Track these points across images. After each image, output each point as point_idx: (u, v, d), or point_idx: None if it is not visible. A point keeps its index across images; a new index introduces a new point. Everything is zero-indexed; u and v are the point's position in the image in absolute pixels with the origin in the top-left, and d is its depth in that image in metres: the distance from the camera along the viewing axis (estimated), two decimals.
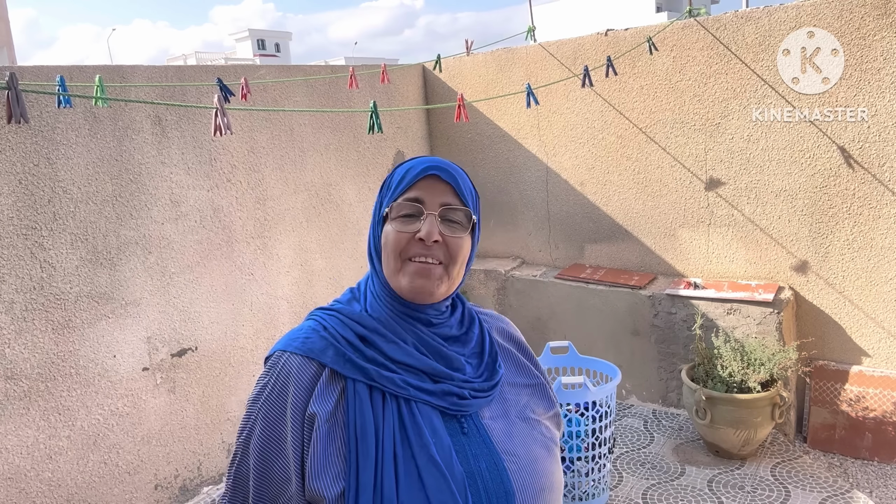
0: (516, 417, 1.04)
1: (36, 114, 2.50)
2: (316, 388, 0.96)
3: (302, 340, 1.00)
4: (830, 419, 3.33)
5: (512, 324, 1.20)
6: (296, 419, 0.95)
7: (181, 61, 38.81)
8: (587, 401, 2.74)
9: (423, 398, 0.96)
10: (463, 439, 0.97)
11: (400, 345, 0.99)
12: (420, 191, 1.00)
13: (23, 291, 2.48)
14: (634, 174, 3.78)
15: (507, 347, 1.13)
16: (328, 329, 1.00)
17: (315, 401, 0.95)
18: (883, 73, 3.02)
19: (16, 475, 2.47)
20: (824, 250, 3.31)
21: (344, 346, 0.98)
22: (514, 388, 1.08)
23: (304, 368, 0.98)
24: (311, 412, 0.95)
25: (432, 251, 0.98)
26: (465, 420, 0.98)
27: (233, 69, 3.25)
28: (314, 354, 0.97)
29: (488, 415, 1.01)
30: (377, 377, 0.95)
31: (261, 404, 0.98)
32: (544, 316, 3.98)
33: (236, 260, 3.24)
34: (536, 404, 1.09)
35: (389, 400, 0.95)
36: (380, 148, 4.08)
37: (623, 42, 3.63)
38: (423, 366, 0.98)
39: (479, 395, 1.00)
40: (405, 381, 0.96)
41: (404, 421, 0.94)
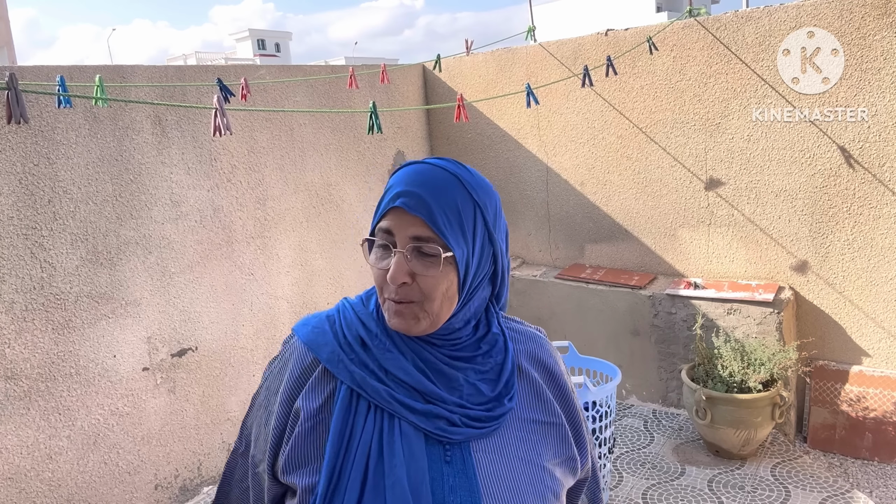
0: (516, 458, 0.95)
1: (36, 114, 2.50)
2: (308, 382, 0.95)
3: (311, 328, 0.99)
4: (830, 419, 3.32)
5: (549, 344, 1.08)
6: (284, 407, 0.96)
7: (181, 61, 38.82)
8: (587, 401, 2.74)
9: (407, 416, 0.90)
10: (444, 468, 0.90)
11: (396, 355, 0.93)
12: (392, 222, 0.91)
13: (23, 291, 2.48)
14: (634, 174, 3.78)
15: (532, 377, 1.02)
16: (338, 323, 0.98)
17: (305, 395, 0.94)
18: (883, 73, 3.02)
19: (16, 475, 2.47)
20: (824, 250, 3.31)
21: (342, 346, 0.95)
22: (525, 425, 0.98)
23: (302, 359, 0.97)
24: (298, 406, 0.94)
25: (400, 292, 0.90)
26: (452, 448, 0.91)
27: (233, 69, 3.25)
28: (313, 347, 0.96)
29: (482, 448, 0.93)
30: (364, 385, 0.91)
31: (268, 374, 1.02)
32: (544, 316, 3.98)
33: (236, 260, 3.24)
34: (546, 446, 0.98)
35: (374, 412, 0.91)
36: (380, 148, 4.08)
37: (623, 42, 3.63)
38: (415, 383, 0.92)
39: (472, 425, 0.92)
40: (392, 396, 0.91)
41: (383, 436, 0.89)
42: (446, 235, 0.90)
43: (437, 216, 0.89)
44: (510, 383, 0.97)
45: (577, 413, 1.05)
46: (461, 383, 0.94)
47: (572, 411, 1.04)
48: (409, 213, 0.89)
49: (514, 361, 0.99)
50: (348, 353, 0.95)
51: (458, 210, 0.91)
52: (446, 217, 0.90)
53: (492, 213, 0.95)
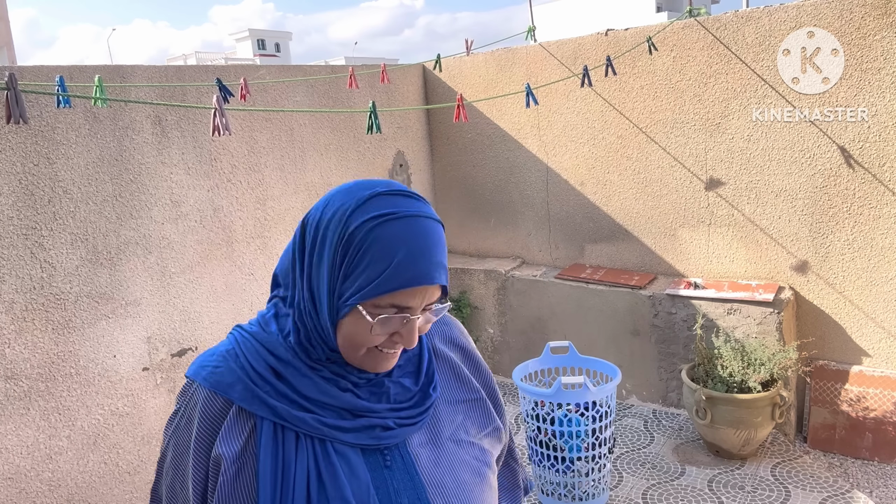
0: (448, 440, 0.97)
1: (36, 114, 2.50)
2: (223, 426, 0.88)
3: (211, 370, 0.91)
4: (831, 419, 3.32)
5: (460, 327, 1.10)
6: (199, 458, 0.89)
7: (181, 61, 38.83)
8: (587, 401, 2.74)
9: (339, 437, 0.88)
10: (385, 473, 0.90)
11: (315, 380, 0.89)
12: (411, 297, 0.86)
13: (23, 291, 2.48)
14: (634, 174, 3.78)
15: (449, 357, 1.04)
16: (240, 357, 0.91)
17: (221, 441, 0.87)
18: (883, 72, 3.01)
19: (16, 475, 2.47)
20: (824, 250, 3.31)
21: (254, 380, 0.89)
22: (451, 406, 1.00)
23: (210, 403, 0.89)
24: (217, 454, 0.87)
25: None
26: (389, 452, 0.91)
27: (233, 69, 3.26)
28: (221, 389, 0.89)
29: (417, 441, 0.94)
30: (288, 417, 0.87)
31: (172, 431, 0.93)
32: (544, 316, 3.98)
33: (236, 260, 3.24)
34: (472, 423, 1.01)
35: (303, 440, 0.87)
36: (380, 148, 4.08)
37: (623, 42, 3.63)
38: (340, 403, 0.89)
39: (406, 423, 0.92)
40: (319, 421, 0.88)
41: (318, 462, 0.87)
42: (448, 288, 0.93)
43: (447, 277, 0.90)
44: (430, 371, 0.99)
45: (492, 383, 1.08)
46: (386, 386, 0.94)
47: (489, 383, 1.07)
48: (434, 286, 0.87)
49: (429, 348, 1.01)
50: (262, 387, 0.88)
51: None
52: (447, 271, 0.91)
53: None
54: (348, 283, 0.86)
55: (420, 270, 0.84)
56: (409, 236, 0.85)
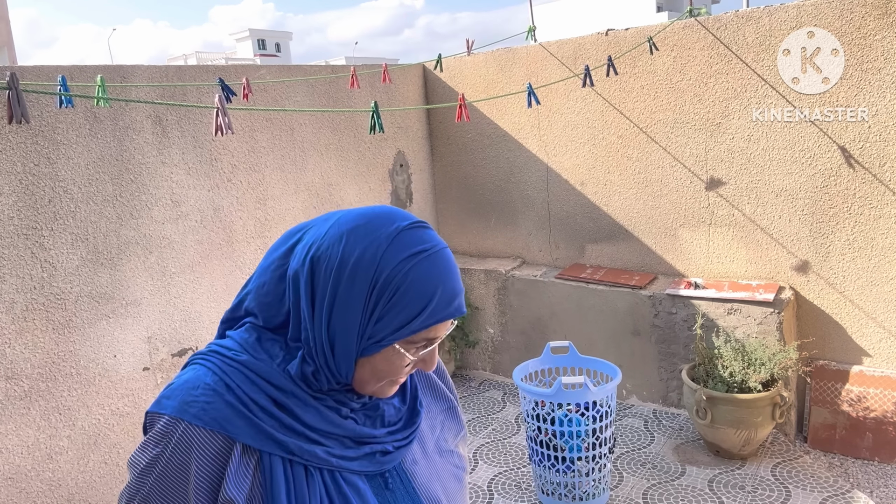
0: (433, 452, 1.01)
1: (36, 114, 2.50)
2: (228, 467, 0.82)
3: (202, 406, 0.82)
4: (831, 419, 3.32)
5: None
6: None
7: (182, 61, 38.83)
8: (587, 401, 2.74)
9: (347, 466, 0.88)
10: (388, 495, 0.92)
11: (318, 409, 0.87)
12: (440, 330, 0.88)
13: (23, 291, 2.48)
14: (635, 174, 3.78)
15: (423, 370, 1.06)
16: (233, 390, 0.84)
17: (230, 484, 0.81)
18: (883, 72, 3.02)
19: (16, 475, 2.47)
20: (825, 250, 3.31)
21: (257, 415, 0.83)
22: (430, 417, 1.04)
23: (209, 444, 0.82)
24: (228, 498, 0.81)
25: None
26: (389, 474, 0.93)
27: (233, 69, 3.26)
28: (220, 426, 0.82)
29: (410, 459, 0.96)
30: (298, 451, 0.84)
31: (154, 478, 0.83)
32: (545, 316, 3.98)
33: (237, 260, 3.24)
34: (449, 430, 1.05)
35: (313, 473, 0.85)
36: (380, 148, 4.08)
37: (623, 42, 3.63)
38: (343, 431, 0.89)
39: (401, 444, 0.94)
40: (329, 453, 0.87)
41: (331, 494, 0.86)
42: None
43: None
44: (414, 387, 1.01)
45: (453, 387, 1.11)
46: (381, 409, 0.95)
47: (452, 388, 1.10)
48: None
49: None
50: (267, 421, 0.84)
51: None
52: None
53: None
54: (382, 324, 0.83)
55: (456, 304, 0.86)
56: (442, 273, 0.85)
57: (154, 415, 0.85)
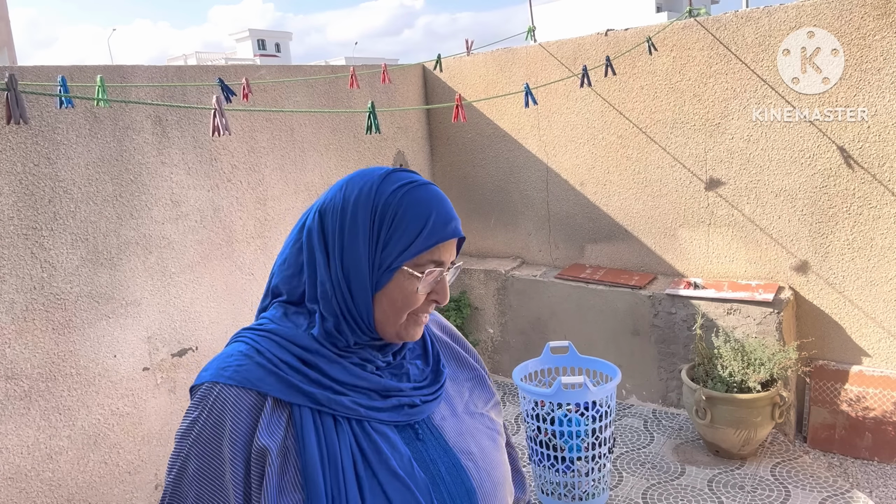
0: (463, 413, 1.05)
1: (36, 114, 2.50)
2: (260, 420, 0.88)
3: (235, 369, 0.90)
4: (830, 419, 3.33)
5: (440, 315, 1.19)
6: (237, 456, 0.88)
7: (181, 61, 38.84)
8: (587, 401, 2.75)
9: (375, 416, 0.93)
10: (419, 445, 0.96)
11: (344, 364, 0.94)
12: (444, 252, 0.95)
13: (23, 291, 2.48)
14: (634, 174, 3.78)
15: (445, 341, 1.12)
16: (263, 353, 0.92)
17: (263, 433, 0.88)
18: (883, 72, 3.02)
19: (16, 475, 2.47)
20: (824, 250, 3.31)
21: (285, 371, 0.91)
22: (457, 384, 1.09)
23: (241, 400, 0.89)
24: (262, 446, 0.87)
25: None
26: (419, 426, 0.98)
27: (233, 69, 3.26)
28: (251, 384, 0.89)
29: (438, 416, 1.01)
30: (326, 401, 0.90)
31: (192, 440, 0.89)
32: (544, 316, 3.98)
33: (237, 260, 3.24)
34: (478, 397, 1.10)
35: (342, 423, 0.91)
36: (380, 148, 4.09)
37: (623, 42, 3.63)
38: (371, 384, 0.95)
39: (428, 399, 0.99)
40: (355, 402, 0.92)
41: (360, 441, 0.91)
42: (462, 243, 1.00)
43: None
44: (436, 352, 1.07)
45: (482, 363, 1.17)
46: (406, 368, 1.01)
47: (480, 362, 1.16)
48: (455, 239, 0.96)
49: (429, 332, 1.09)
50: (294, 376, 0.91)
51: None
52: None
53: None
54: (388, 249, 0.92)
55: (453, 226, 0.95)
56: (433, 199, 0.95)
57: (193, 388, 0.93)
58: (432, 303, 0.97)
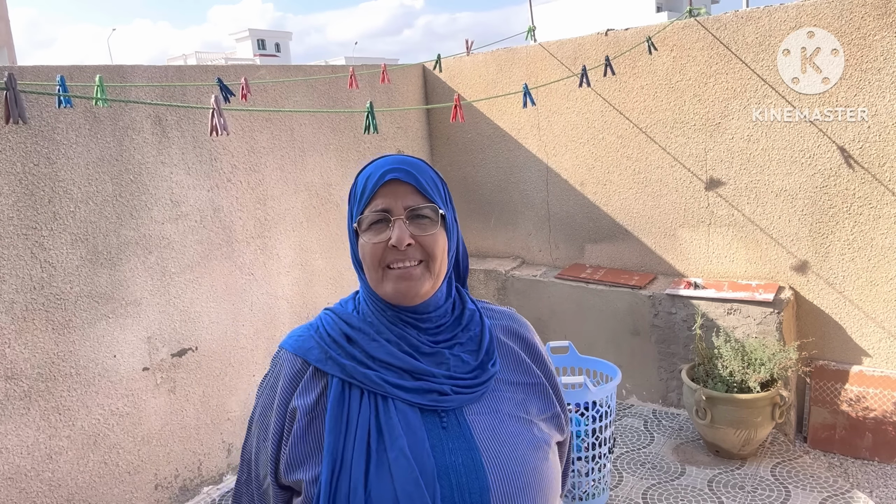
0: (507, 416, 1.04)
1: (36, 114, 2.50)
2: (300, 383, 1.02)
3: (296, 338, 1.06)
4: (831, 419, 3.32)
5: (523, 319, 1.19)
6: (280, 411, 1.02)
7: (181, 61, 38.83)
8: (587, 401, 2.74)
9: (400, 395, 0.98)
10: (442, 433, 0.98)
11: (381, 343, 1.02)
12: (384, 198, 1.01)
13: (23, 291, 2.48)
14: (634, 174, 3.78)
15: (510, 346, 1.12)
16: (321, 328, 1.06)
17: (298, 395, 1.01)
18: (883, 72, 3.02)
19: (16, 475, 2.47)
20: (824, 250, 3.31)
21: (328, 345, 1.03)
22: (511, 386, 1.08)
23: (292, 365, 1.04)
24: (294, 406, 1.00)
25: (408, 254, 1.00)
26: (446, 415, 1.00)
27: (233, 69, 3.26)
28: (301, 352, 1.03)
29: (475, 411, 1.02)
30: (354, 373, 0.99)
31: (260, 392, 1.07)
32: (544, 316, 3.98)
33: (236, 260, 3.24)
34: (532, 404, 1.08)
35: (368, 396, 0.98)
36: (380, 148, 4.09)
37: (623, 42, 3.63)
38: (403, 364, 1.00)
39: (462, 392, 1.01)
40: (382, 379, 0.98)
41: (379, 416, 0.97)
42: (435, 199, 1.03)
43: (424, 183, 1.02)
44: (490, 350, 1.07)
45: (553, 376, 1.16)
46: (447, 357, 1.03)
47: (549, 373, 1.15)
48: (400, 184, 1.01)
49: (491, 332, 1.10)
50: (335, 350, 1.02)
51: (434, 182, 1.05)
52: (429, 185, 1.03)
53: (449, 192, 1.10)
54: (353, 215, 1.04)
55: (382, 173, 1.01)
56: (383, 161, 1.04)
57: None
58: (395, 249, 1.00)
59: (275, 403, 1.03)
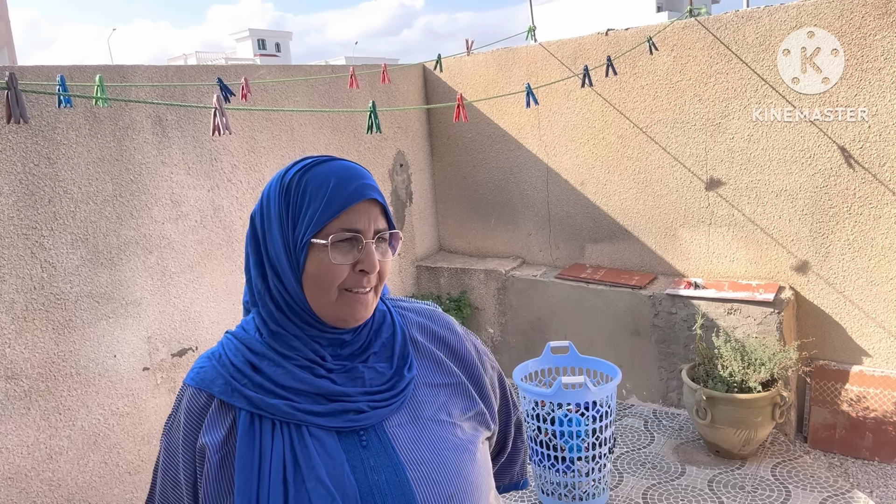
0: (429, 420, 1.00)
1: (36, 114, 2.50)
2: (206, 418, 0.95)
3: (196, 370, 0.99)
4: (831, 419, 3.32)
5: (441, 316, 1.14)
6: (187, 451, 0.95)
7: (181, 61, 38.83)
8: (587, 401, 2.74)
9: (313, 421, 0.93)
10: (362, 453, 0.93)
11: (288, 369, 0.95)
12: (357, 216, 0.94)
13: (23, 291, 2.48)
14: (635, 174, 3.78)
15: (426, 346, 1.07)
16: (223, 356, 0.98)
17: (205, 432, 0.94)
18: (883, 72, 3.01)
19: (16, 475, 2.47)
20: (825, 250, 3.31)
21: (233, 375, 0.96)
22: (432, 389, 1.03)
23: (195, 400, 0.97)
24: (202, 444, 0.94)
25: (370, 280, 0.96)
26: (366, 433, 0.95)
27: (233, 69, 3.26)
28: (204, 385, 0.97)
29: (396, 422, 0.97)
30: (262, 405, 0.93)
31: (163, 436, 1.00)
32: (545, 316, 3.98)
33: (237, 260, 3.24)
34: (454, 405, 1.04)
35: (280, 427, 0.92)
36: (380, 148, 4.08)
37: (624, 42, 3.63)
38: (314, 388, 0.94)
39: (380, 405, 0.96)
40: (293, 407, 0.93)
41: (294, 446, 0.92)
42: (393, 220, 0.99)
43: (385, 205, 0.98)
44: (405, 354, 1.03)
45: (476, 371, 1.10)
46: (360, 372, 0.99)
47: (471, 370, 1.10)
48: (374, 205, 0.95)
49: (404, 334, 1.05)
50: (240, 380, 0.95)
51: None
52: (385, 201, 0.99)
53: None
54: (299, 226, 0.94)
55: (355, 189, 0.94)
56: (337, 168, 0.96)
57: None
58: (362, 274, 0.94)
59: (180, 444, 0.95)
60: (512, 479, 1.28)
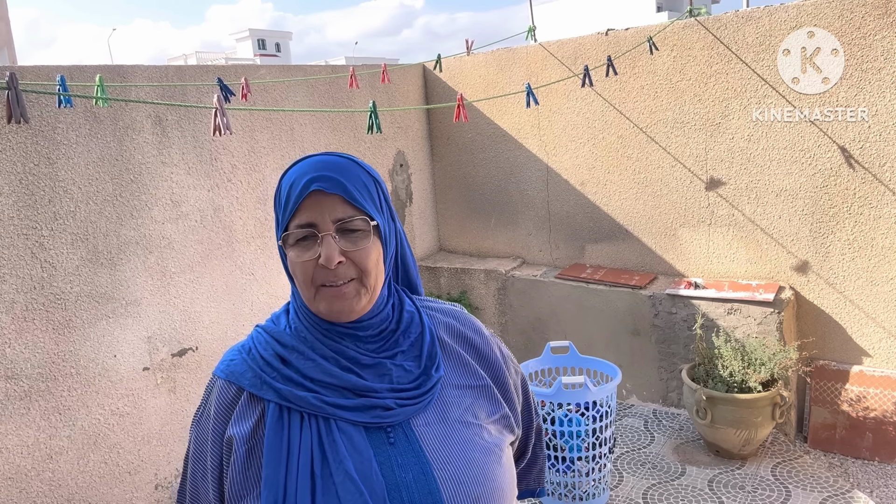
0: (456, 422, 0.99)
1: (36, 114, 2.50)
2: (235, 410, 0.96)
3: (227, 363, 1.00)
4: (831, 419, 3.32)
5: (468, 318, 1.14)
6: (215, 442, 0.96)
7: (181, 61, 38.82)
8: (587, 401, 2.74)
9: (341, 415, 0.93)
10: (389, 450, 0.93)
11: (318, 362, 0.96)
12: (309, 210, 0.93)
13: (23, 291, 2.48)
14: (635, 174, 3.78)
15: (453, 347, 1.07)
16: (253, 350, 0.99)
17: (233, 424, 0.95)
18: (883, 72, 3.01)
19: (16, 475, 2.47)
20: (825, 250, 3.31)
21: (262, 368, 0.97)
22: (459, 391, 1.03)
23: (224, 392, 0.98)
24: (229, 435, 0.95)
25: (339, 273, 0.94)
26: (393, 430, 0.95)
27: (233, 69, 3.26)
28: (234, 378, 0.98)
29: (423, 421, 0.97)
30: (291, 397, 0.93)
31: (193, 426, 1.02)
32: (545, 316, 3.98)
33: (237, 260, 3.24)
34: (480, 407, 1.04)
35: (308, 419, 0.93)
36: (380, 148, 4.08)
37: (623, 42, 3.63)
38: (342, 382, 0.95)
39: (407, 403, 0.96)
40: (321, 400, 0.93)
41: (322, 439, 0.92)
42: (366, 207, 0.96)
43: (353, 191, 0.95)
44: (433, 354, 1.02)
45: (502, 375, 1.10)
46: (388, 368, 0.99)
47: (497, 373, 1.09)
48: (326, 196, 0.93)
49: (432, 334, 1.05)
50: (269, 373, 0.96)
51: (364, 184, 0.97)
52: (359, 191, 0.96)
53: (385, 190, 1.03)
54: (278, 228, 0.98)
55: (303, 183, 0.93)
56: (305, 165, 0.96)
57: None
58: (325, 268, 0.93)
59: (209, 435, 0.97)
60: (528, 485, 1.28)
